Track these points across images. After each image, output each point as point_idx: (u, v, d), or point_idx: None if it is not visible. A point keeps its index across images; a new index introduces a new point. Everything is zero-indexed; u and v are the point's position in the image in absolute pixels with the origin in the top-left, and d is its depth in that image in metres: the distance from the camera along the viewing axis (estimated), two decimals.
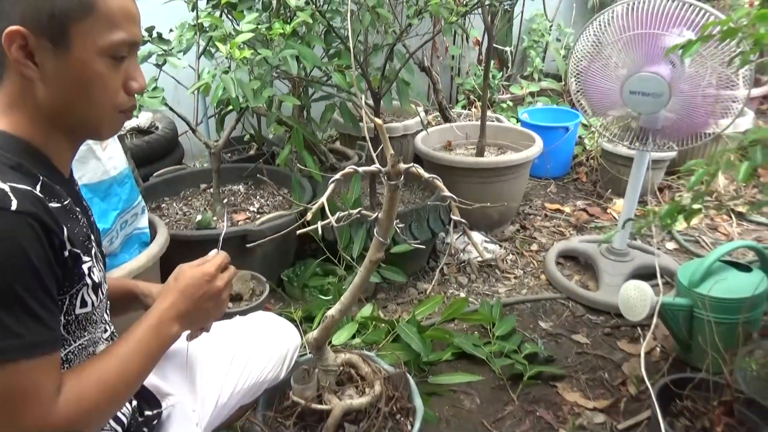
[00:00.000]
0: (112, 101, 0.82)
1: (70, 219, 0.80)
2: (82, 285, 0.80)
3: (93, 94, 0.80)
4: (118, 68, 0.81)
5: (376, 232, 1.13)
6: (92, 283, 0.82)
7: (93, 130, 0.85)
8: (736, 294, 1.68)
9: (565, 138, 3.29)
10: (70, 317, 0.81)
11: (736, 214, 2.91)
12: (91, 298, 0.83)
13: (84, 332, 0.84)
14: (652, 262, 2.23)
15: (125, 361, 0.83)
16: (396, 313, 2.21)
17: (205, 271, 0.93)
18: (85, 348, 0.86)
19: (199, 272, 0.92)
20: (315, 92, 2.46)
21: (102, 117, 0.83)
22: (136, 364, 0.84)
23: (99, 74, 0.79)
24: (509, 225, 2.88)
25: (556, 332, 2.10)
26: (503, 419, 1.72)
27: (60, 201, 0.78)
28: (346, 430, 1.32)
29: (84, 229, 0.84)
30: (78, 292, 0.80)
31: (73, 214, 0.82)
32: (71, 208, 0.82)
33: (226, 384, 1.21)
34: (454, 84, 4.32)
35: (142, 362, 0.85)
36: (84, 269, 0.80)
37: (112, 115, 0.84)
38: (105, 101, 0.81)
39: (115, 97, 0.82)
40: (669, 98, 1.90)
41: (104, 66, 0.79)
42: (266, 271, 2.11)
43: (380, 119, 1.05)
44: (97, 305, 0.85)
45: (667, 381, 1.45)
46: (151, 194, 2.39)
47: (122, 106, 0.84)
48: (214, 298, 0.94)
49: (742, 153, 1.34)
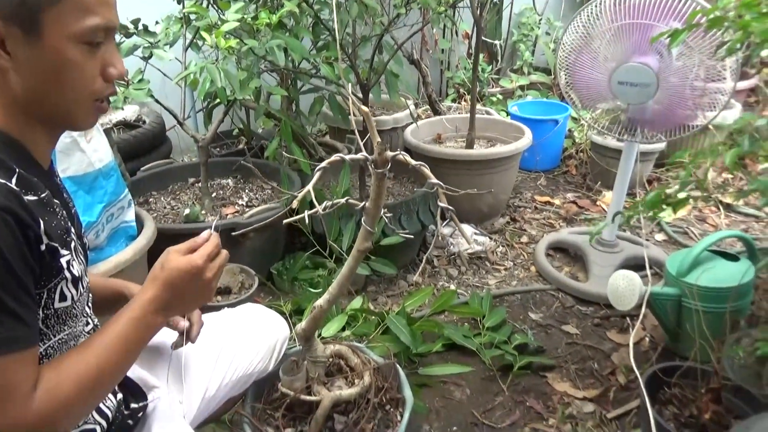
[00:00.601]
0: (89, 89, 0.79)
1: (47, 212, 0.78)
2: (61, 279, 0.78)
3: (68, 82, 0.77)
4: (94, 54, 0.78)
5: (363, 221, 1.12)
6: (71, 276, 0.80)
7: (70, 119, 0.82)
8: (724, 283, 1.69)
9: (554, 131, 3.29)
10: (48, 311, 0.79)
11: (724, 206, 2.93)
12: (71, 292, 0.81)
13: (64, 326, 0.83)
14: (641, 253, 2.23)
15: (105, 354, 0.80)
16: (386, 306, 2.21)
17: (194, 263, 0.86)
18: (66, 342, 0.84)
19: (186, 264, 0.86)
20: (303, 85, 2.45)
21: (79, 105, 0.80)
22: (115, 358, 0.81)
23: (74, 61, 0.76)
24: (499, 217, 2.89)
25: (546, 323, 2.11)
26: (493, 409, 1.73)
27: (37, 194, 0.76)
28: (336, 421, 1.32)
29: (63, 221, 0.81)
30: (56, 286, 0.78)
31: (51, 207, 0.80)
32: (49, 200, 0.80)
33: (214, 376, 1.20)
34: (444, 78, 4.32)
35: (123, 355, 0.82)
36: (62, 263, 0.78)
37: (89, 103, 0.81)
38: (81, 89, 0.79)
39: (92, 84, 0.79)
40: (657, 88, 1.90)
41: (79, 53, 0.76)
42: (255, 264, 2.10)
43: (368, 109, 1.04)
44: (77, 299, 0.83)
45: (655, 369, 1.46)
46: (138, 188, 2.37)
47: (100, 93, 0.81)
48: (201, 289, 0.89)
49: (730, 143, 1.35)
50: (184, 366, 1.16)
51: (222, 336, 1.24)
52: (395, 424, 1.34)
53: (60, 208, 0.83)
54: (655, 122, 2.04)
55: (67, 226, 0.83)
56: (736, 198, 2.87)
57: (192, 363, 1.17)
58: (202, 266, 0.87)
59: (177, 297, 0.86)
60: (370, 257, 2.14)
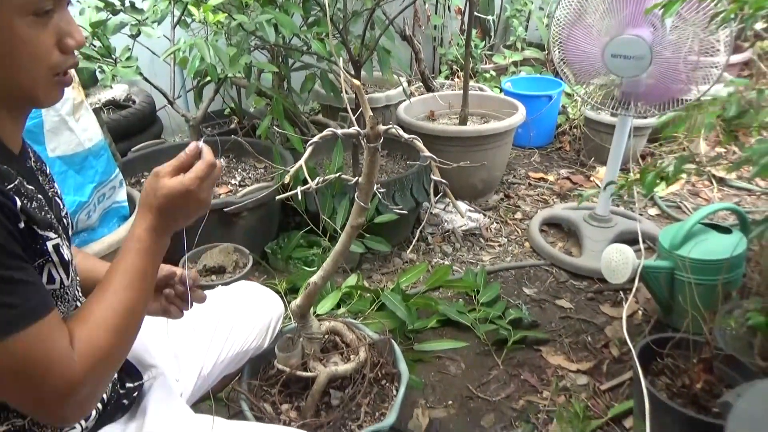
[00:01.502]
0: (45, 64, 0.73)
1: (21, 193, 0.74)
2: (45, 261, 0.76)
3: (21, 60, 0.71)
4: (44, 26, 0.72)
5: (356, 197, 1.12)
6: (60, 259, 0.78)
7: (31, 97, 0.77)
8: (716, 255, 1.70)
9: (548, 107, 3.28)
10: None
11: (717, 180, 2.94)
12: (60, 275, 0.79)
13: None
14: (634, 227, 2.24)
15: (125, 293, 0.79)
16: (381, 283, 2.22)
17: (187, 187, 0.81)
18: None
19: (179, 188, 0.81)
20: (295, 62, 2.42)
21: (36, 82, 0.74)
22: (136, 293, 0.80)
23: (22, 36, 0.70)
24: (493, 194, 2.88)
25: (540, 298, 2.12)
26: (488, 383, 1.74)
27: (5, 183, 0.72)
28: (332, 396, 1.33)
29: (40, 205, 0.78)
30: (41, 267, 0.76)
31: (26, 191, 0.76)
32: (21, 186, 0.76)
33: (210, 353, 1.20)
34: (437, 54, 4.28)
35: (141, 287, 0.81)
36: (48, 246, 0.76)
37: (47, 79, 0.75)
38: (37, 65, 0.73)
39: (47, 59, 0.73)
40: (651, 61, 1.89)
41: (26, 26, 0.70)
42: (249, 243, 2.09)
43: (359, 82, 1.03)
44: (68, 284, 0.81)
45: (648, 341, 1.47)
46: (129, 169, 2.35)
47: (58, 67, 0.75)
48: (196, 205, 0.85)
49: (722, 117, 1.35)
50: (180, 343, 1.16)
51: (217, 313, 1.24)
52: (391, 398, 1.35)
53: (35, 193, 0.79)
54: (649, 96, 2.03)
55: (45, 211, 0.80)
56: (729, 170, 2.87)
57: (188, 340, 1.17)
58: (195, 189, 0.82)
59: (175, 219, 0.85)
60: (364, 235, 2.14)
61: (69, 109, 1.53)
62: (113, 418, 0.95)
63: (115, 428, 0.94)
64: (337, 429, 1.27)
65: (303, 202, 2.18)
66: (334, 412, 1.28)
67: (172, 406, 1.03)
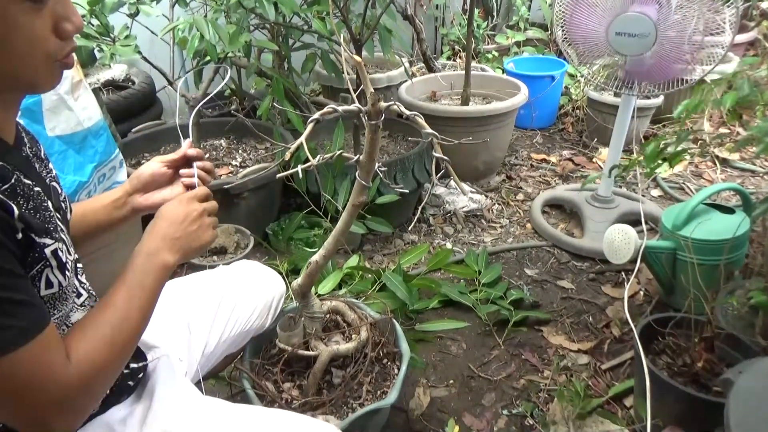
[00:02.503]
0: (42, 51, 0.70)
1: (18, 194, 0.72)
2: (44, 266, 0.75)
3: (17, 49, 0.68)
4: (40, 12, 0.69)
5: (357, 175, 1.11)
6: (57, 263, 0.76)
7: (27, 84, 0.74)
8: (719, 236, 1.69)
9: (551, 87, 3.25)
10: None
11: (720, 161, 2.93)
12: (58, 279, 0.77)
13: (53, 310, 0.79)
14: (636, 208, 2.24)
15: (126, 309, 0.79)
16: (382, 264, 2.22)
17: (181, 197, 0.90)
18: (58, 324, 0.81)
19: (175, 201, 0.90)
20: (295, 42, 2.40)
21: (36, 70, 0.72)
22: (137, 310, 0.81)
23: (16, 24, 0.67)
24: (495, 175, 2.87)
25: (541, 279, 2.12)
26: (489, 363, 1.75)
27: (1, 185, 0.70)
28: (333, 375, 1.33)
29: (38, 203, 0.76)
30: (40, 273, 0.74)
31: (23, 189, 0.74)
32: (18, 183, 0.73)
33: (213, 332, 1.20)
34: (439, 35, 4.23)
35: (143, 305, 0.82)
36: (47, 252, 0.74)
37: (47, 66, 0.72)
38: (34, 53, 0.70)
39: (44, 46, 0.70)
40: (655, 39, 1.87)
41: (21, 13, 0.67)
42: (251, 225, 2.09)
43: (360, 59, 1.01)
44: (66, 285, 0.79)
45: (649, 320, 1.47)
46: (130, 150, 2.33)
47: (57, 54, 0.73)
48: (196, 219, 0.89)
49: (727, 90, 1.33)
50: (183, 322, 1.16)
51: (219, 292, 1.24)
52: (392, 377, 1.36)
53: (35, 186, 0.77)
54: (652, 75, 2.01)
55: (44, 205, 0.78)
56: (732, 150, 2.86)
57: (191, 319, 1.17)
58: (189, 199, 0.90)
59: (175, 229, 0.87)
60: (365, 216, 2.13)
61: (68, 88, 1.52)
62: (119, 399, 0.95)
63: (121, 409, 0.93)
64: (339, 407, 1.27)
65: (304, 183, 2.17)
66: (336, 391, 1.29)
67: (179, 388, 1.03)
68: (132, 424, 0.93)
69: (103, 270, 1.61)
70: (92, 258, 1.59)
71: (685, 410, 1.32)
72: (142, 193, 1.03)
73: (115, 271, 1.12)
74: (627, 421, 1.51)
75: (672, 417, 1.35)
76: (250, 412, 1.02)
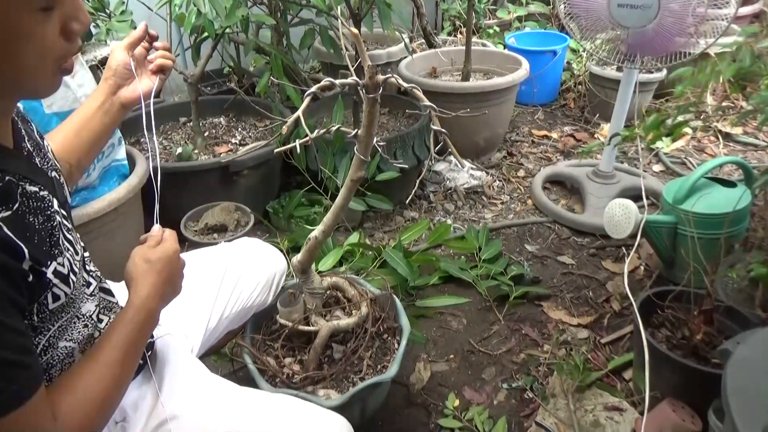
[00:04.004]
0: (50, 57, 0.68)
1: (26, 221, 0.69)
2: (49, 289, 0.73)
3: (27, 59, 0.65)
4: (50, 16, 0.66)
5: (356, 150, 1.10)
6: (61, 279, 0.74)
7: (30, 92, 0.72)
8: (720, 209, 1.69)
9: (553, 62, 3.22)
10: (43, 315, 0.74)
11: (723, 135, 2.91)
12: (63, 290, 0.75)
13: (62, 314, 0.78)
14: (638, 183, 2.23)
15: (114, 366, 0.79)
16: (383, 241, 2.22)
17: (175, 248, 0.89)
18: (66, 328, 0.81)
19: (170, 250, 0.88)
20: (294, 18, 2.37)
21: (41, 79, 0.69)
22: (122, 365, 0.80)
23: (29, 36, 0.64)
24: (496, 152, 2.86)
25: (542, 254, 2.12)
26: (489, 338, 1.76)
27: (10, 205, 0.67)
28: (334, 350, 1.34)
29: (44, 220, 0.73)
30: (45, 296, 0.73)
31: (31, 200, 0.71)
32: (25, 200, 0.70)
33: (215, 309, 1.21)
34: (439, 10, 4.18)
35: (130, 360, 0.82)
36: (48, 276, 0.72)
37: (52, 74, 0.70)
38: (42, 61, 0.67)
39: (53, 51, 0.67)
40: (657, 11, 1.84)
41: (34, 24, 0.64)
42: (251, 203, 2.09)
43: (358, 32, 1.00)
44: (71, 292, 0.77)
45: (649, 294, 1.47)
46: (128, 129, 2.32)
47: (63, 58, 0.70)
48: (180, 273, 0.91)
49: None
50: (186, 299, 1.16)
51: (222, 269, 1.24)
52: (393, 351, 1.36)
53: (38, 195, 0.74)
54: (655, 48, 1.99)
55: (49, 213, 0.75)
56: (735, 123, 2.83)
57: (194, 295, 1.18)
58: (178, 249, 0.90)
59: (167, 282, 0.87)
60: (366, 193, 2.13)
61: None
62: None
63: (132, 390, 0.93)
64: (339, 381, 1.28)
65: (303, 160, 2.16)
66: (337, 365, 1.30)
67: (187, 366, 1.03)
68: (143, 408, 0.93)
69: (102, 248, 1.62)
70: (93, 236, 1.60)
71: (684, 382, 1.33)
72: (125, 87, 1.02)
73: (113, 249, 1.11)
74: (626, 394, 1.52)
75: (670, 389, 1.36)
76: (259, 397, 1.02)
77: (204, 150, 2.25)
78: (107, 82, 1.01)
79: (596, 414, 1.46)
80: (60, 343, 0.80)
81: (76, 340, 0.82)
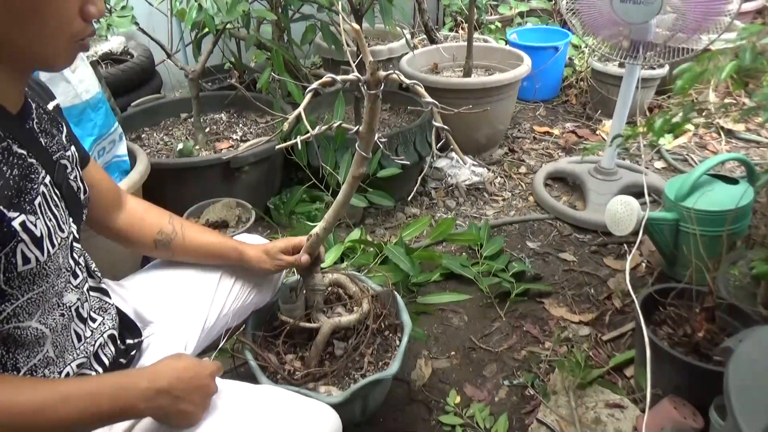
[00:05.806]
0: (68, 30, 0.73)
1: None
2: (16, 242, 0.73)
3: (45, 26, 0.70)
4: None
5: (357, 146, 1.10)
6: (31, 237, 0.74)
7: (46, 62, 0.76)
8: (722, 206, 1.68)
9: (554, 58, 3.21)
10: (11, 274, 0.74)
11: (725, 132, 2.90)
12: (34, 254, 0.75)
13: (33, 286, 0.77)
14: (639, 180, 2.22)
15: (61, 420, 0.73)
16: (384, 238, 2.21)
17: (212, 369, 0.90)
18: (36, 301, 0.79)
19: (209, 368, 0.90)
20: (295, 13, 2.36)
21: (58, 48, 0.74)
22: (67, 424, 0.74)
23: (50, 3, 0.69)
24: (497, 148, 2.85)
25: (543, 251, 2.12)
26: (491, 335, 1.76)
27: None
28: (336, 347, 1.34)
29: (16, 178, 0.74)
30: (13, 250, 0.73)
31: (12, 157, 0.74)
32: (6, 148, 0.73)
33: (213, 306, 1.21)
34: (441, 5, 4.17)
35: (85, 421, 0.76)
36: (15, 226, 0.72)
37: (68, 45, 0.75)
38: (60, 32, 0.72)
39: (69, 26, 0.73)
40: (661, 6, 1.83)
41: None
42: (252, 199, 2.08)
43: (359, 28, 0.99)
44: (44, 261, 0.77)
45: (651, 291, 1.47)
46: (129, 124, 2.32)
47: (80, 35, 0.75)
48: (203, 392, 0.88)
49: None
50: (183, 296, 1.16)
51: (220, 265, 1.24)
52: (394, 348, 1.36)
53: (24, 159, 0.76)
54: (658, 45, 1.98)
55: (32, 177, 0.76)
56: (737, 119, 2.82)
57: (191, 292, 1.18)
58: (214, 372, 0.93)
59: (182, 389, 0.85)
60: (367, 190, 2.12)
61: None
62: None
63: None
64: (341, 378, 1.28)
65: (305, 156, 2.16)
66: (338, 362, 1.29)
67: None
68: None
69: (103, 244, 1.61)
70: (93, 233, 1.59)
71: (686, 380, 1.33)
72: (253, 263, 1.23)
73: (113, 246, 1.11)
74: (627, 391, 1.52)
75: (672, 386, 1.36)
76: (244, 389, 0.99)
77: (205, 146, 2.25)
78: (261, 263, 1.24)
79: (597, 411, 1.46)
80: (30, 322, 0.79)
81: (49, 326, 0.82)
